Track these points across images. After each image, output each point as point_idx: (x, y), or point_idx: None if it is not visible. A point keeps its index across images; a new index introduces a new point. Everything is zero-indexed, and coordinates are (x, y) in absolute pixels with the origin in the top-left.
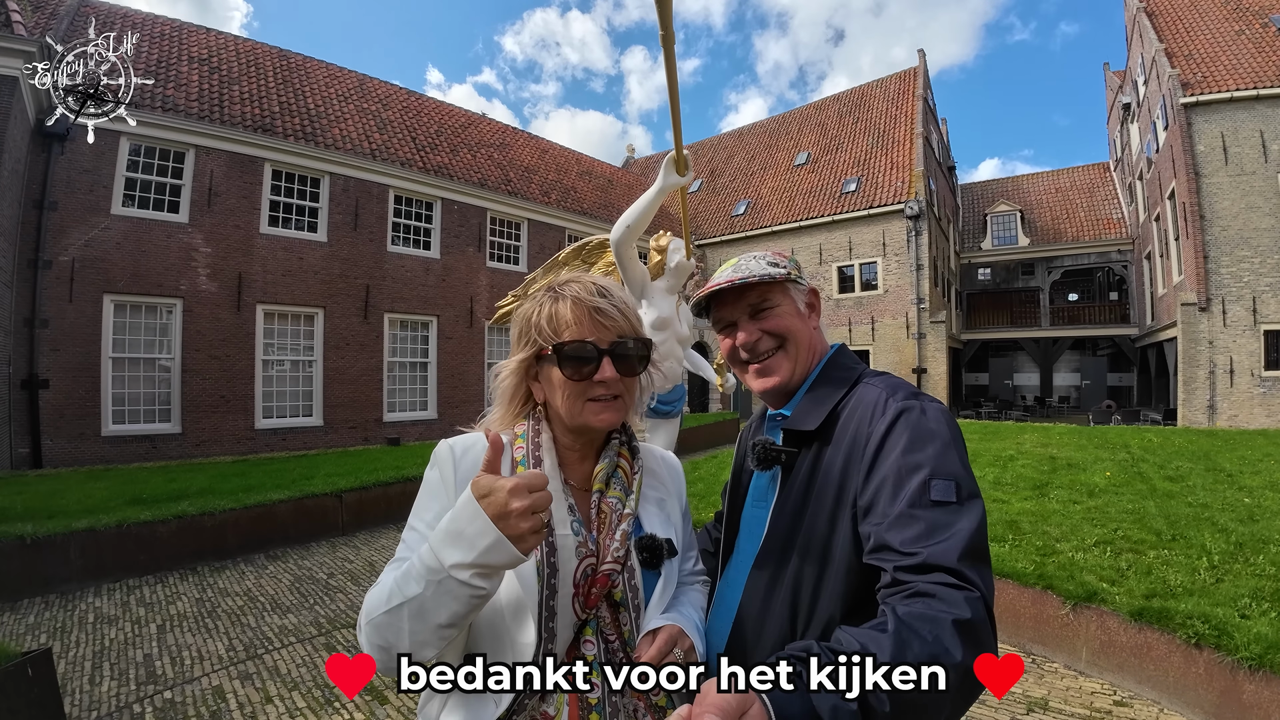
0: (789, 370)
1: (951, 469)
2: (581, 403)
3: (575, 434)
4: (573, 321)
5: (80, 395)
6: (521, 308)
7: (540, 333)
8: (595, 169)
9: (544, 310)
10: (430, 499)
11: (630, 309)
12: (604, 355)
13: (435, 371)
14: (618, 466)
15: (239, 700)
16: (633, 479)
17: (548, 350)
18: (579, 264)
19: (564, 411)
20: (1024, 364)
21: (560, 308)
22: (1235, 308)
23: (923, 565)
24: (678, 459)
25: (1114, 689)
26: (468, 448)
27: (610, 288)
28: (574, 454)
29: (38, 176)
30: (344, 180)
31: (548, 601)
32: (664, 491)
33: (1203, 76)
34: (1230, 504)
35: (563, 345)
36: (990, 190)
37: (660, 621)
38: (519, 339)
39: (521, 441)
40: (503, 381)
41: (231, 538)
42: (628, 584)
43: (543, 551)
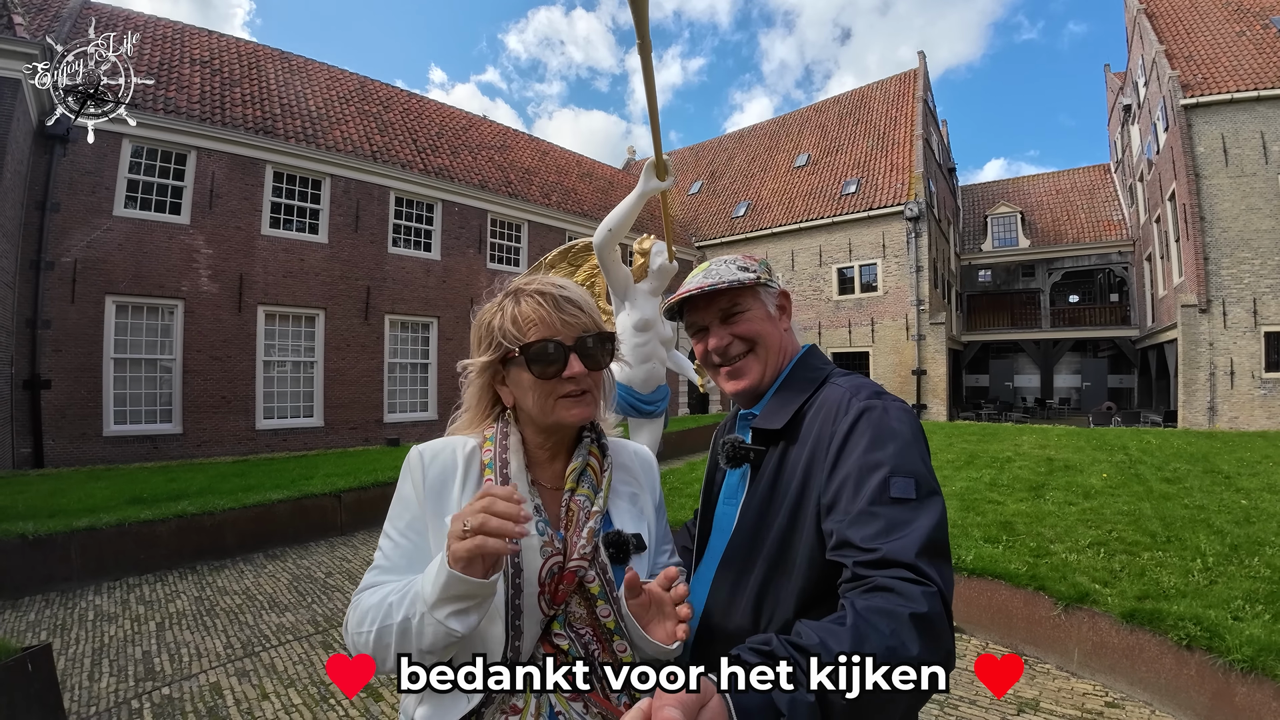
0: (759, 373)
1: (912, 467)
2: (553, 401)
3: (547, 433)
4: (536, 321)
5: (82, 395)
6: (481, 312)
7: (505, 335)
8: (596, 171)
9: (506, 313)
10: (402, 507)
11: (590, 304)
12: (570, 352)
13: (436, 373)
14: (587, 465)
15: (236, 697)
16: (601, 477)
17: (515, 352)
18: (565, 266)
19: (535, 411)
20: (1024, 366)
21: (523, 309)
22: (1235, 309)
23: (882, 560)
24: (652, 454)
25: (1106, 690)
26: (436, 453)
27: (568, 285)
28: (544, 453)
29: (40, 178)
30: (345, 182)
31: (513, 600)
32: (637, 486)
33: (1203, 78)
34: (1227, 506)
35: (529, 345)
36: (990, 192)
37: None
38: (479, 344)
39: (490, 444)
40: (468, 389)
41: (230, 537)
42: (603, 577)
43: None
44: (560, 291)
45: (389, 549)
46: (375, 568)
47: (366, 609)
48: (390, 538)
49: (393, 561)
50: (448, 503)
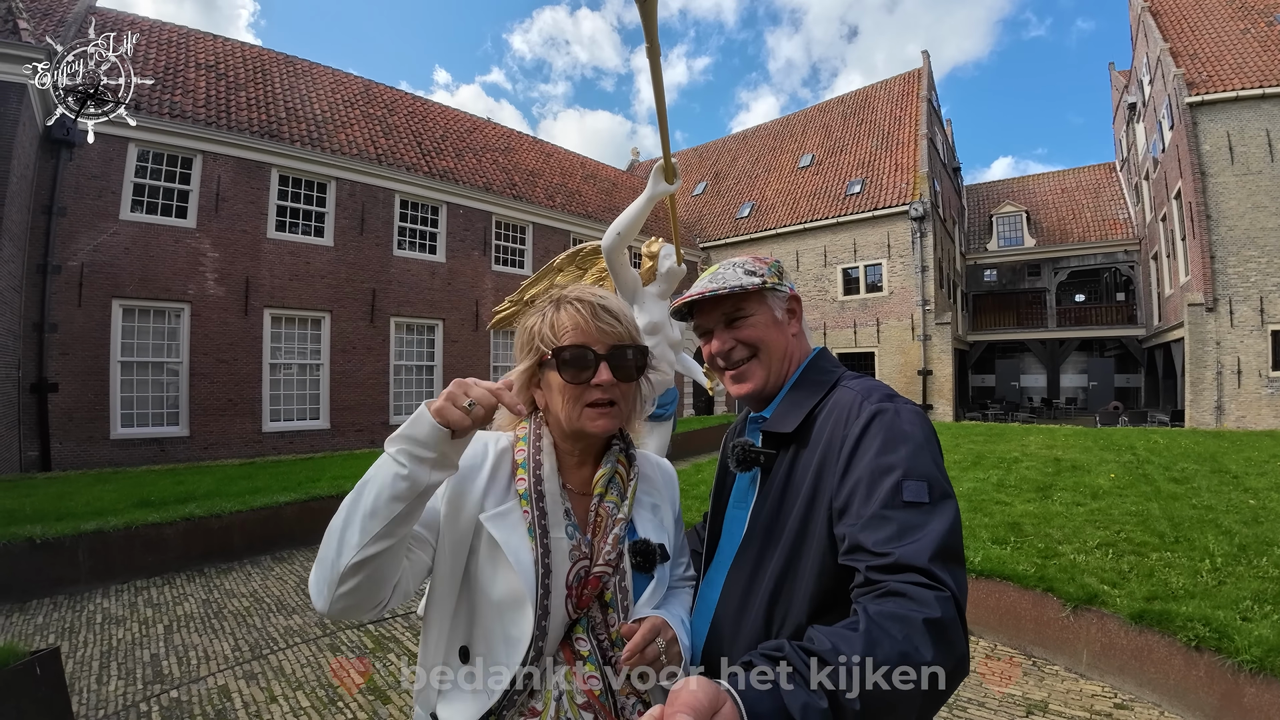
0: (762, 377)
1: (924, 470)
2: (580, 408)
3: (572, 439)
4: (571, 328)
5: (89, 399)
6: (527, 318)
7: (542, 339)
8: (600, 172)
9: (547, 318)
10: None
11: (628, 317)
12: (601, 360)
13: (441, 374)
14: (615, 472)
15: (244, 700)
16: (628, 484)
17: (548, 355)
18: (573, 269)
19: (562, 416)
20: (1031, 365)
21: (561, 315)
22: (1242, 308)
23: (894, 565)
24: (672, 467)
25: (1115, 692)
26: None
27: (609, 297)
28: (572, 458)
29: (46, 182)
30: (350, 185)
31: (542, 600)
32: (658, 497)
33: (1208, 76)
34: (1235, 506)
35: (562, 349)
36: (996, 191)
37: (646, 613)
38: (523, 348)
39: (523, 444)
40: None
41: (238, 539)
42: (618, 586)
43: (538, 551)
44: (599, 300)
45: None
46: None
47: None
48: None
49: None
50: (468, 495)
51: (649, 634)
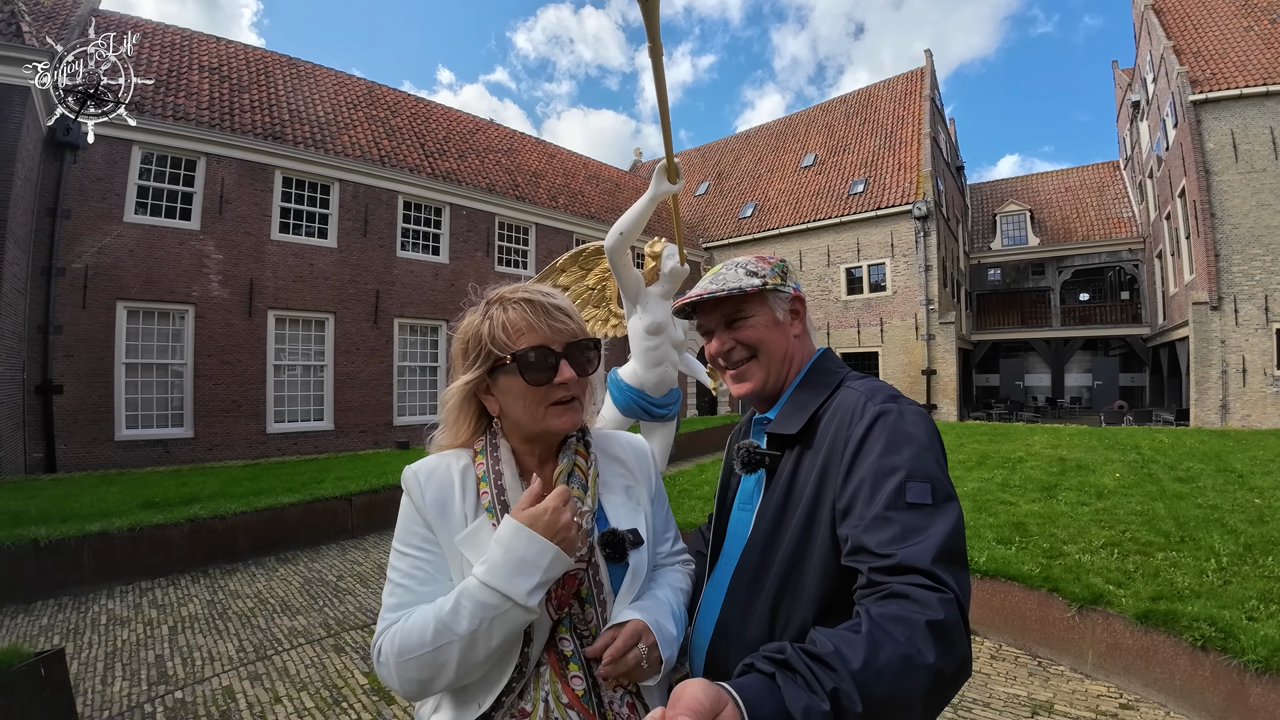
0: (762, 378)
1: (928, 471)
2: (543, 408)
3: (533, 441)
4: (526, 329)
5: (93, 400)
6: (464, 323)
7: (495, 343)
8: (602, 173)
9: (495, 321)
10: (411, 523)
11: (575, 311)
12: (561, 358)
13: (445, 375)
14: (574, 465)
15: (248, 700)
16: (587, 474)
17: (506, 359)
18: (576, 269)
19: (525, 419)
20: (1035, 365)
21: (511, 316)
22: (1247, 306)
23: (897, 567)
24: (645, 442)
25: (1120, 692)
26: (431, 471)
27: (553, 292)
28: (532, 459)
29: (51, 185)
30: (353, 186)
31: None
32: (630, 478)
33: (1211, 74)
34: (1240, 505)
35: (521, 353)
36: (999, 190)
37: (627, 615)
38: (465, 355)
39: (481, 458)
40: (449, 402)
41: (242, 541)
42: (592, 580)
43: None
44: (548, 299)
45: (409, 567)
46: (398, 589)
47: (411, 629)
48: (408, 554)
49: (417, 579)
50: (451, 520)
51: (629, 640)
